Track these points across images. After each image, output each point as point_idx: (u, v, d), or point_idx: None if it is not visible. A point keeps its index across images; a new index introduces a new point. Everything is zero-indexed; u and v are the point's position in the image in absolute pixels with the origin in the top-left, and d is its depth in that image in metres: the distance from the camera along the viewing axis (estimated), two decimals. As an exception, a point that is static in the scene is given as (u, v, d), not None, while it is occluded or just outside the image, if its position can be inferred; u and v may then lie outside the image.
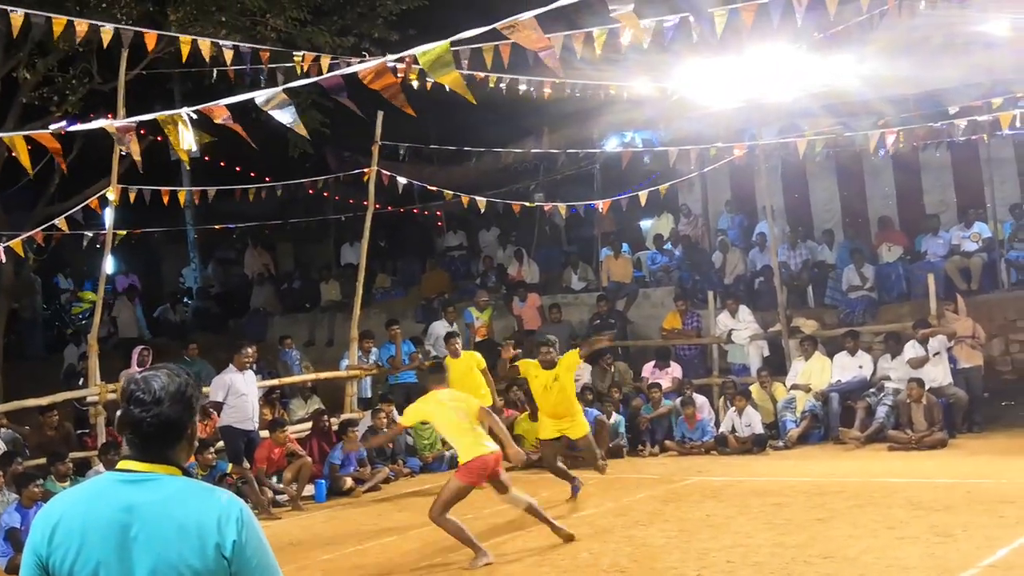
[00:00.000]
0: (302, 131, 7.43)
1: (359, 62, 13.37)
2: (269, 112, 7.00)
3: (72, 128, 8.66)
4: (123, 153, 8.84)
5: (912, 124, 14.54)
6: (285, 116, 7.02)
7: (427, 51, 6.35)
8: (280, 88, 7.16)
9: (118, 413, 11.78)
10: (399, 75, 10.40)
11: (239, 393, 13.89)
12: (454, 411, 9.53)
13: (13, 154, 8.30)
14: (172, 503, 2.92)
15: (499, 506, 11.51)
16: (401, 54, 7.62)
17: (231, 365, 14.11)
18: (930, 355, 14.64)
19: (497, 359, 13.55)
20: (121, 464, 3.00)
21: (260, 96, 7.05)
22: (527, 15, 6.53)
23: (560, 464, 12.17)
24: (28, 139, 8.21)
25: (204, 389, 15.18)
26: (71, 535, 2.90)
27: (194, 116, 7.44)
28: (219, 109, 7.33)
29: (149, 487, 2.94)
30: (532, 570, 8.78)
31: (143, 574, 2.87)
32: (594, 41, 10.02)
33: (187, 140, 7.49)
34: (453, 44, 6.46)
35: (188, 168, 23.40)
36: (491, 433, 9.62)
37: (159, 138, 12.78)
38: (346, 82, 7.14)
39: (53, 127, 8.05)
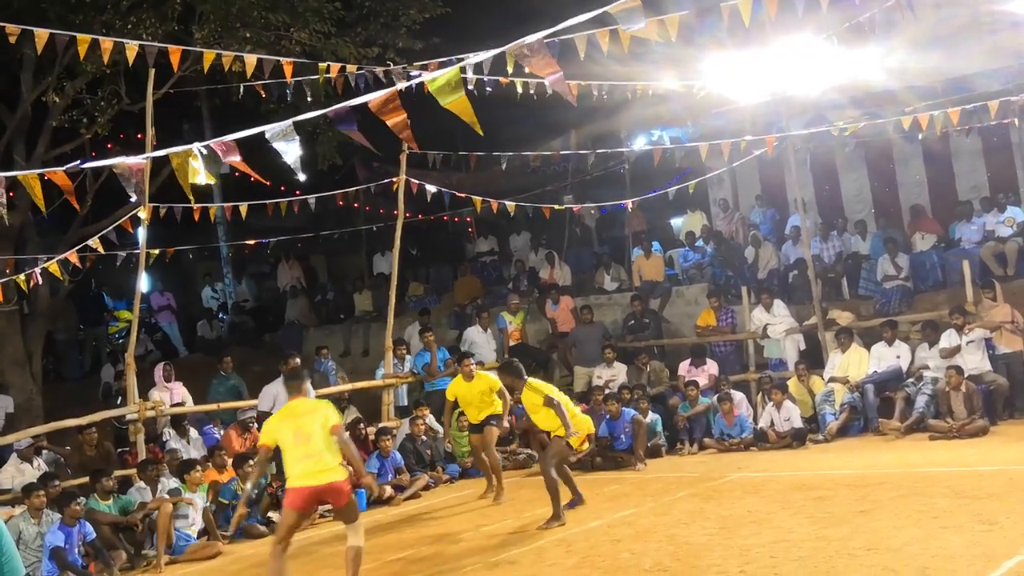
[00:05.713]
0: (299, 172, 7.37)
1: (383, 71, 13.50)
2: (274, 146, 7.03)
3: (86, 166, 8.73)
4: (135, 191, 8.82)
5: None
6: (291, 151, 7.04)
7: (436, 78, 6.36)
8: (289, 121, 7.18)
9: None
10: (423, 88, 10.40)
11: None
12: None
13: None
14: None
15: (537, 510, 11.51)
16: (410, 82, 7.61)
17: (281, 376, 14.24)
18: (964, 343, 14.52)
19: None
20: None
21: (269, 130, 7.09)
22: (534, 37, 6.51)
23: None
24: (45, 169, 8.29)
25: (241, 403, 15.30)
26: None
27: (204, 152, 7.48)
28: (228, 146, 7.36)
29: None
30: (573, 572, 8.75)
31: None
32: (620, 38, 9.98)
33: (200, 175, 7.55)
34: (463, 69, 6.48)
35: (204, 188, 23.57)
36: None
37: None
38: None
39: (68, 166, 8.11)
